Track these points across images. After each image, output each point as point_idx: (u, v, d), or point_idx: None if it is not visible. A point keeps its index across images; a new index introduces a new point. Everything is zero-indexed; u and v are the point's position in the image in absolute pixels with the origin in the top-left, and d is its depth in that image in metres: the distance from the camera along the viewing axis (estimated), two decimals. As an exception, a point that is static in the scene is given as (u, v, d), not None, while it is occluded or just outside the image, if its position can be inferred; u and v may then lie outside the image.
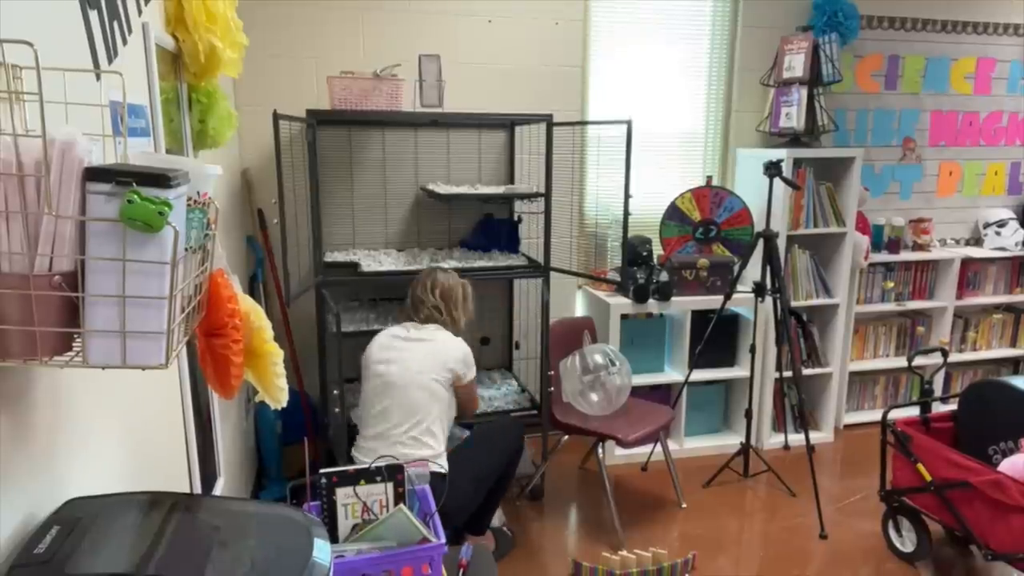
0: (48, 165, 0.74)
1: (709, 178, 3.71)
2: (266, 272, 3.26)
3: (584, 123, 3.53)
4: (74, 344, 0.82)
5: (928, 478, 2.55)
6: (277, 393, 1.30)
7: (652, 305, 3.41)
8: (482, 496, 2.54)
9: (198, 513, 0.95)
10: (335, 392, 2.76)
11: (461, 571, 1.75)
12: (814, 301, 3.73)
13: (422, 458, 2.35)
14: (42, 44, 0.75)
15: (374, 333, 2.95)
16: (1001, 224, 4.21)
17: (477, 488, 2.50)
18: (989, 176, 4.31)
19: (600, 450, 3.08)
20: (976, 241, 4.35)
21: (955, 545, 2.85)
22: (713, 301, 3.38)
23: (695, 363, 3.38)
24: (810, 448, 3.09)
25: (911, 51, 4.00)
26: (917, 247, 4.09)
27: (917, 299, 4.07)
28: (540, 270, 3.01)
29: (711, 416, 3.79)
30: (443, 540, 1.60)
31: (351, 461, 2.48)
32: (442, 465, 2.39)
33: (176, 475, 1.66)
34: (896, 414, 2.81)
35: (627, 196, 2.80)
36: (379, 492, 1.69)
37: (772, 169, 3.06)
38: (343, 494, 1.67)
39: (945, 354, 2.92)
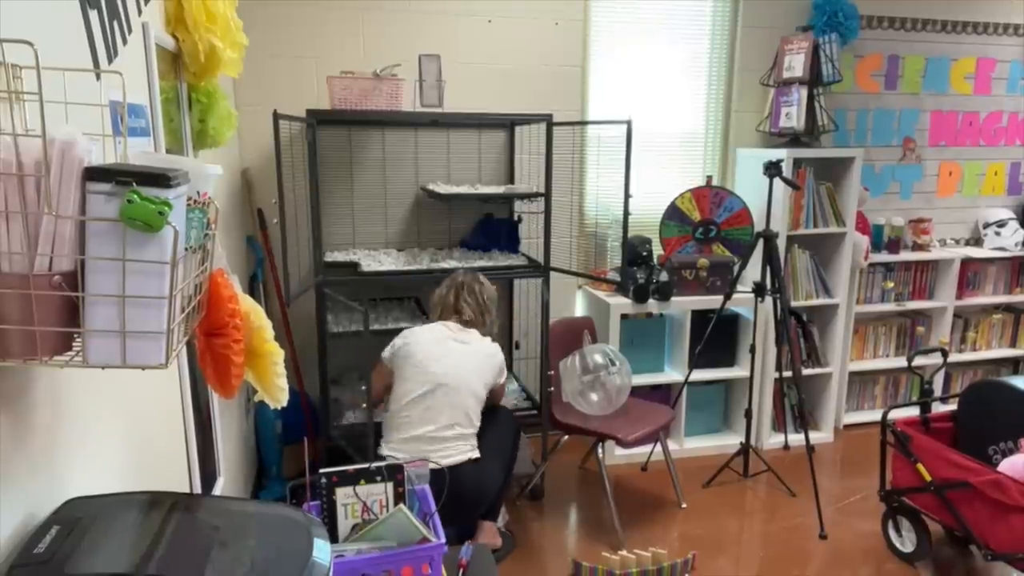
0: (48, 165, 0.74)
1: (709, 178, 3.71)
2: (266, 272, 3.26)
3: (584, 123, 3.53)
4: (74, 344, 0.82)
5: (928, 478, 2.55)
6: (277, 393, 1.29)
7: (652, 305, 3.41)
8: (505, 474, 2.65)
9: (198, 513, 0.95)
10: (363, 387, 2.73)
11: (461, 571, 1.75)
12: (814, 301, 3.73)
13: (463, 453, 2.47)
14: (42, 44, 0.75)
15: (374, 333, 2.96)
16: (1001, 224, 4.21)
17: (502, 466, 2.62)
18: (989, 176, 4.31)
19: (600, 450, 3.08)
20: (976, 241, 4.35)
21: (955, 545, 2.85)
22: (713, 301, 3.38)
23: (695, 363, 3.38)
24: (810, 448, 3.09)
25: (911, 51, 4.00)
26: (917, 247, 4.09)
27: (917, 299, 4.07)
28: (540, 270, 3.01)
29: (711, 416, 3.79)
30: (443, 540, 1.60)
31: (380, 459, 2.47)
32: (475, 454, 2.51)
33: (176, 475, 1.66)
34: (896, 414, 2.81)
35: (627, 196, 2.80)
36: (379, 492, 1.69)
37: (772, 169, 3.06)
38: (343, 494, 1.67)
39: (945, 354, 2.92)
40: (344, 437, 2.91)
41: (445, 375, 2.49)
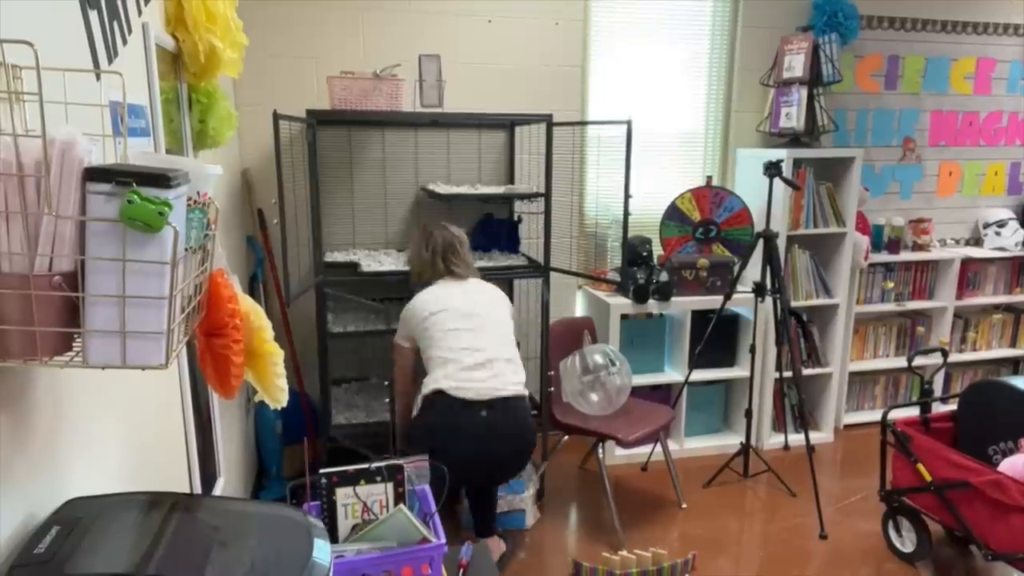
0: (48, 165, 0.74)
1: (709, 178, 3.71)
2: (266, 272, 3.26)
3: (584, 123, 3.53)
4: (74, 344, 0.82)
5: (928, 478, 2.55)
6: (277, 393, 1.29)
7: (652, 305, 3.41)
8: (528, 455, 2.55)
9: (198, 513, 0.95)
10: (385, 383, 2.66)
11: (461, 571, 1.75)
12: (814, 301, 3.73)
13: (516, 385, 2.43)
14: (42, 44, 0.75)
15: (375, 333, 2.96)
16: (1001, 224, 4.21)
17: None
18: (989, 176, 4.31)
19: (600, 450, 3.08)
20: (976, 241, 4.35)
21: (955, 545, 2.85)
22: (713, 301, 3.38)
23: (695, 363, 3.38)
24: (810, 448, 3.09)
25: (911, 51, 4.00)
26: (917, 247, 4.09)
27: (917, 299, 4.07)
28: (540, 270, 3.01)
29: (711, 416, 3.79)
30: (443, 540, 1.60)
31: (441, 394, 2.38)
32: (524, 391, 2.46)
33: (176, 475, 1.66)
34: (896, 414, 2.81)
35: (627, 196, 2.80)
36: (379, 492, 1.69)
37: (772, 169, 3.06)
38: (343, 494, 1.67)
39: (945, 354, 2.92)
40: (346, 437, 2.91)
41: (474, 307, 2.50)
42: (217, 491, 2.08)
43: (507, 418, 2.37)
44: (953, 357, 4.10)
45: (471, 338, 2.44)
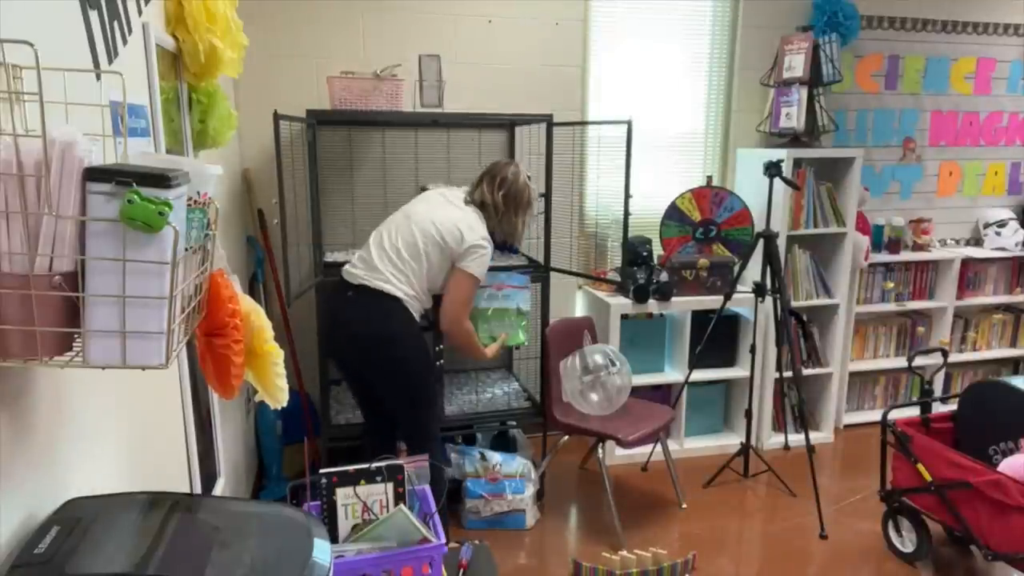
0: (48, 165, 0.74)
1: (709, 178, 3.71)
2: (266, 272, 3.26)
3: (584, 123, 3.53)
4: (74, 344, 0.82)
5: (928, 478, 2.55)
6: (277, 393, 1.30)
7: (652, 305, 3.41)
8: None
9: (198, 513, 0.95)
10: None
11: (461, 571, 1.75)
12: (814, 301, 3.73)
13: (382, 283, 2.41)
14: (42, 44, 0.75)
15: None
16: (1001, 224, 4.21)
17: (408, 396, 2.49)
18: (989, 176, 4.31)
19: (600, 450, 3.08)
20: (976, 241, 4.35)
21: (955, 545, 2.85)
22: (713, 301, 3.38)
23: (695, 363, 3.38)
24: (810, 448, 3.09)
25: (911, 51, 4.00)
26: (917, 247, 4.09)
27: (917, 299, 4.07)
28: (540, 270, 3.01)
29: (711, 416, 3.79)
30: (443, 540, 1.60)
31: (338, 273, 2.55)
32: (396, 292, 2.41)
33: (176, 475, 1.66)
34: (896, 414, 2.81)
35: (627, 196, 2.80)
36: (379, 492, 1.69)
37: (772, 169, 3.06)
38: (343, 494, 1.67)
39: (945, 354, 2.92)
40: (345, 437, 2.91)
41: (412, 211, 2.52)
42: (217, 491, 2.08)
43: (365, 298, 2.42)
44: (953, 357, 4.10)
45: (378, 236, 2.51)
